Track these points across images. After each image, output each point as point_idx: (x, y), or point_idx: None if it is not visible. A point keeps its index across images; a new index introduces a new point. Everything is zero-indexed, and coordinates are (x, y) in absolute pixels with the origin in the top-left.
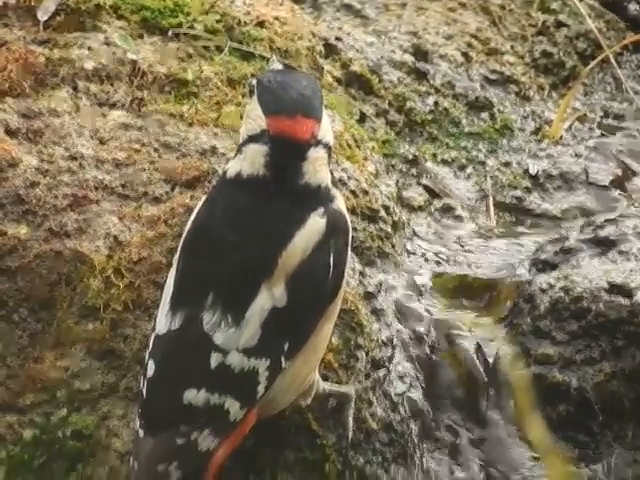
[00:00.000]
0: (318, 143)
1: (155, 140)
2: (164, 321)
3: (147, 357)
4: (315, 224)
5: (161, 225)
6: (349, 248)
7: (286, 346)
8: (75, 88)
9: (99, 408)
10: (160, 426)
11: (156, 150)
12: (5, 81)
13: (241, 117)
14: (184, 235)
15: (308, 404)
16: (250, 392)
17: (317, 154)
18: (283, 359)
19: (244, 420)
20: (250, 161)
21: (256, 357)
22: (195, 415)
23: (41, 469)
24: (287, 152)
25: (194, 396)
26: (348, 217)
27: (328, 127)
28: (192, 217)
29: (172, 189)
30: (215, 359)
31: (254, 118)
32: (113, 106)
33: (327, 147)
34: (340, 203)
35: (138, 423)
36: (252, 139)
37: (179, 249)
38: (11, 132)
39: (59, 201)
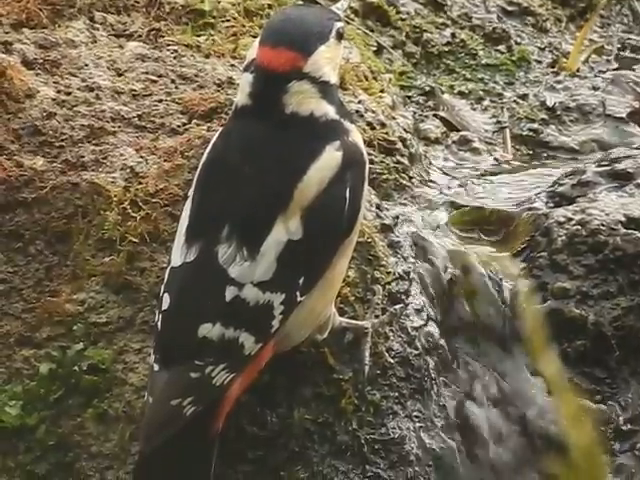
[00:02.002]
0: (303, 77)
1: (172, 71)
2: (179, 253)
3: (162, 290)
4: (331, 157)
5: (178, 157)
6: (366, 182)
7: (301, 280)
8: (92, 19)
9: (115, 342)
10: (175, 360)
11: (173, 81)
12: (22, 12)
13: None
14: (199, 167)
15: (324, 338)
16: (265, 326)
17: (300, 87)
18: (298, 293)
19: (259, 354)
20: (240, 90)
21: (271, 291)
22: (210, 349)
23: (57, 403)
24: (265, 82)
25: (209, 330)
26: (365, 151)
27: (326, 63)
28: (208, 149)
29: (189, 121)
30: (230, 293)
31: (253, 47)
32: (130, 37)
33: (318, 82)
34: (356, 136)
35: (153, 357)
36: (246, 68)
37: (194, 181)
38: (28, 63)
39: (76, 132)
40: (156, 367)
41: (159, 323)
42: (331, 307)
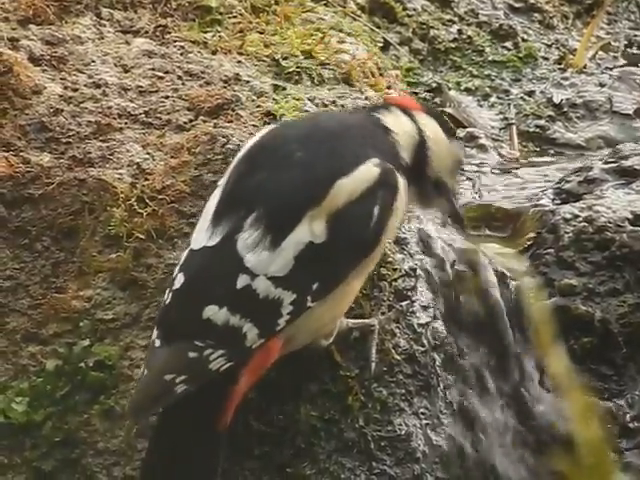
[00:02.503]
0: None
1: (178, 68)
2: (201, 237)
3: (177, 271)
4: (368, 170)
5: (184, 153)
6: (394, 209)
7: (315, 286)
8: (99, 15)
9: (122, 338)
10: (176, 337)
11: (180, 78)
12: (29, 8)
13: (264, 45)
14: (242, 152)
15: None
16: (270, 322)
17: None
18: (310, 298)
19: (264, 350)
20: None
21: (283, 288)
22: (212, 332)
23: (63, 400)
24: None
25: (214, 313)
26: (403, 186)
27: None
28: (255, 138)
29: (196, 117)
30: (242, 281)
31: None
32: (137, 33)
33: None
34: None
35: (155, 333)
36: None
37: (232, 165)
38: (35, 59)
39: (83, 129)
40: (157, 343)
41: (167, 300)
42: (337, 322)
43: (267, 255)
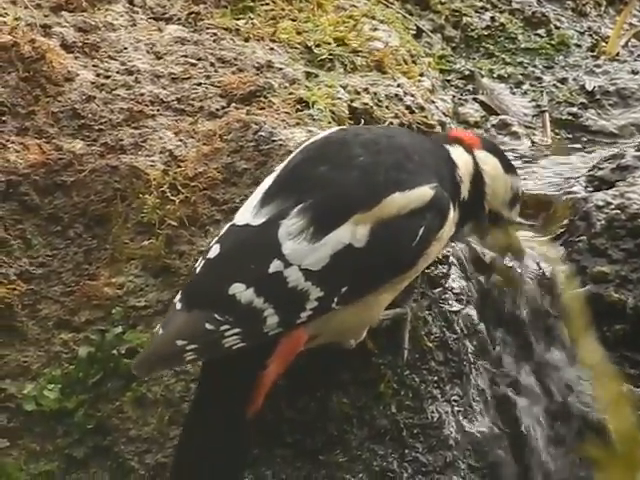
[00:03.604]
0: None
1: (211, 55)
2: (247, 214)
3: (214, 242)
4: (423, 191)
5: (217, 140)
6: (439, 234)
7: (344, 289)
8: (131, 2)
9: (154, 326)
10: (197, 305)
11: (212, 65)
12: None
13: (297, 32)
14: (306, 142)
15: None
16: (293, 313)
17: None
18: (336, 300)
19: (291, 340)
20: None
21: (313, 282)
22: (233, 309)
23: (96, 387)
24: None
25: (241, 291)
26: (452, 217)
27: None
28: (325, 132)
29: (228, 104)
30: (275, 266)
31: None
32: (169, 20)
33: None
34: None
35: (179, 297)
36: None
37: (293, 153)
38: (67, 46)
39: (115, 116)
40: (178, 306)
41: (198, 268)
42: (361, 333)
43: (306, 246)
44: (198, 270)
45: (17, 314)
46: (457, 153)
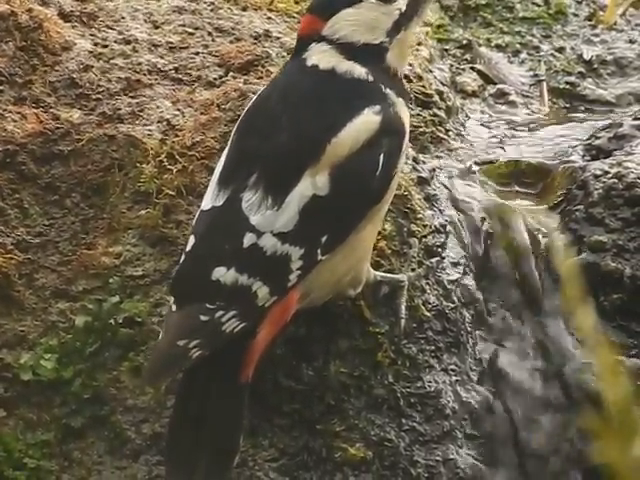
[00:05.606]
0: (322, 39)
1: (209, 24)
2: (210, 197)
3: (190, 232)
4: (369, 119)
5: (214, 110)
6: (403, 154)
7: (324, 239)
8: None
9: (151, 295)
10: (187, 301)
11: (210, 34)
12: None
13: (295, 1)
14: (242, 115)
15: (358, 292)
16: (280, 279)
17: (320, 48)
18: (319, 251)
19: (279, 307)
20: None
21: (290, 243)
22: (221, 293)
23: (93, 356)
24: (297, 45)
25: (223, 274)
26: (407, 123)
27: (350, 25)
28: (253, 98)
29: (226, 73)
30: (248, 239)
31: None
32: None
33: (338, 43)
34: (401, 110)
35: (172, 298)
36: None
37: (235, 128)
38: (65, 15)
39: (113, 85)
40: (173, 307)
41: (180, 263)
42: (365, 265)
43: (271, 213)
44: (179, 266)
45: (14, 283)
46: (316, 57)
